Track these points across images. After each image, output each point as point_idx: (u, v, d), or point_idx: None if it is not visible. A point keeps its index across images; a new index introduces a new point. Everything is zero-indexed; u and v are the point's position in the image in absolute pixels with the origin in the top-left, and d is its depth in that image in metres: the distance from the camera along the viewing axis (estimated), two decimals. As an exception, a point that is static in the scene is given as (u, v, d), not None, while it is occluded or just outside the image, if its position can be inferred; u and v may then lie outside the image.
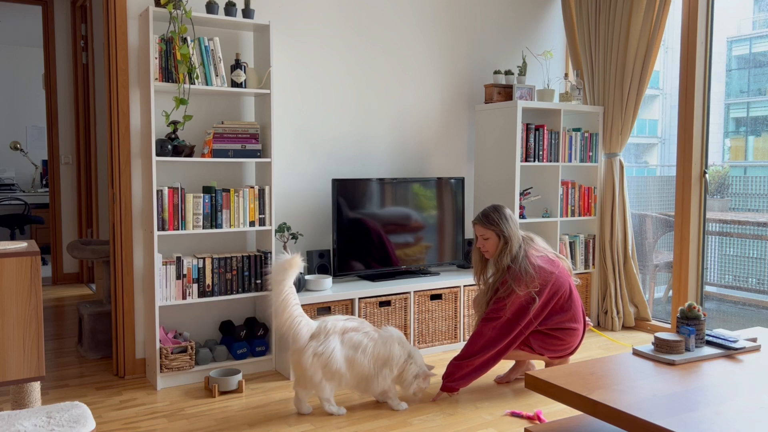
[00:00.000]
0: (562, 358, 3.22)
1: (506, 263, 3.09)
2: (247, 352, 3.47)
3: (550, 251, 3.25)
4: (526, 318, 3.06)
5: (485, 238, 3.16)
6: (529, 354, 3.19)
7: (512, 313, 3.05)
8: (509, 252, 3.10)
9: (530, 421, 2.85)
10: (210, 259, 3.32)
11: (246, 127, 3.41)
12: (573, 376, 2.10)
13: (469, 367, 3.07)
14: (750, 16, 4.24)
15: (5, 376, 1.78)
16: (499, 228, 3.12)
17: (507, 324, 3.05)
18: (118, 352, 3.42)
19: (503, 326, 3.05)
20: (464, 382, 3.09)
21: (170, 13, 3.12)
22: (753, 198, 4.05)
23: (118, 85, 3.30)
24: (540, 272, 3.07)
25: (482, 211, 3.20)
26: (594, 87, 4.44)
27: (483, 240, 3.17)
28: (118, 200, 3.34)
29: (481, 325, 3.10)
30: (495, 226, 3.13)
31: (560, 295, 3.13)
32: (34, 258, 1.78)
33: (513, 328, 3.06)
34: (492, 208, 3.19)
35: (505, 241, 3.12)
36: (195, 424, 2.81)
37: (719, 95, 4.13)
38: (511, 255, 3.10)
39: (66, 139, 5.80)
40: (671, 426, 1.69)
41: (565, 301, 3.15)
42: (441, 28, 4.29)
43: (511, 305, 3.04)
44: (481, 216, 3.18)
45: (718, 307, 4.26)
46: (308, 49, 3.82)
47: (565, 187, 4.33)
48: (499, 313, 3.05)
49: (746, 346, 2.37)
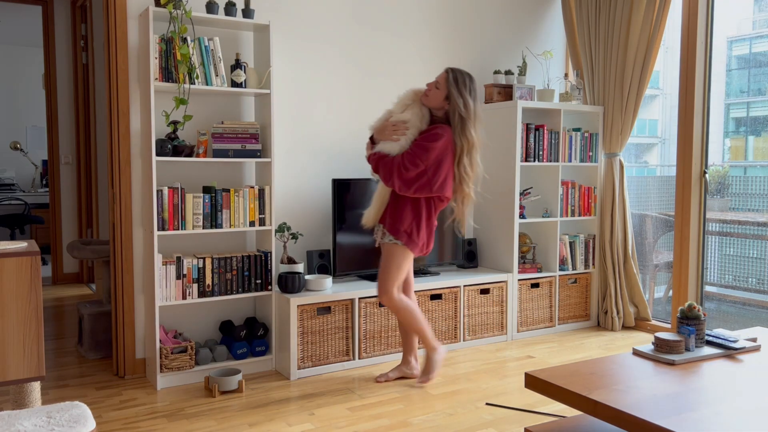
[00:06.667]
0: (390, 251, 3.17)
1: (436, 119, 3.12)
2: (247, 352, 3.47)
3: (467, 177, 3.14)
4: (418, 167, 3.02)
5: (437, 87, 3.10)
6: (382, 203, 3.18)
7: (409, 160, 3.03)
8: (446, 117, 3.09)
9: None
10: (210, 259, 3.32)
11: (246, 127, 3.41)
12: (573, 376, 2.10)
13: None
14: (750, 16, 4.24)
15: (5, 376, 1.78)
16: (456, 92, 3.06)
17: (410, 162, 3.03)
18: (118, 352, 3.42)
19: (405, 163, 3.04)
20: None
21: (170, 13, 3.12)
22: (753, 198, 4.05)
23: (118, 85, 3.30)
24: (433, 161, 3.03)
25: (461, 71, 3.12)
26: (594, 87, 4.44)
27: (434, 87, 3.11)
28: (118, 200, 3.34)
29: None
30: (455, 88, 3.07)
31: (440, 198, 3.14)
32: (34, 258, 1.78)
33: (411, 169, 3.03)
34: (469, 77, 3.12)
35: (453, 110, 3.07)
36: (195, 424, 2.81)
37: (719, 95, 4.13)
38: (443, 118, 3.11)
39: (66, 139, 5.80)
40: (671, 426, 1.69)
41: (437, 204, 3.16)
42: (441, 27, 4.29)
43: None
44: (457, 73, 3.11)
45: (718, 307, 4.26)
46: (308, 49, 3.82)
47: (565, 187, 4.33)
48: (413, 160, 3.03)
49: (746, 346, 2.37)
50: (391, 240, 3.15)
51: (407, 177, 3.03)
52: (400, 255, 3.16)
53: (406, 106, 3.14)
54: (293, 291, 3.44)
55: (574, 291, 4.42)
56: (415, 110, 3.12)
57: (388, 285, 3.17)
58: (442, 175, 3.05)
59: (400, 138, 3.06)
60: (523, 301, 4.20)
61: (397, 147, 3.07)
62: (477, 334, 4.02)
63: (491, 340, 4.08)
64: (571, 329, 4.41)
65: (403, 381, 3.36)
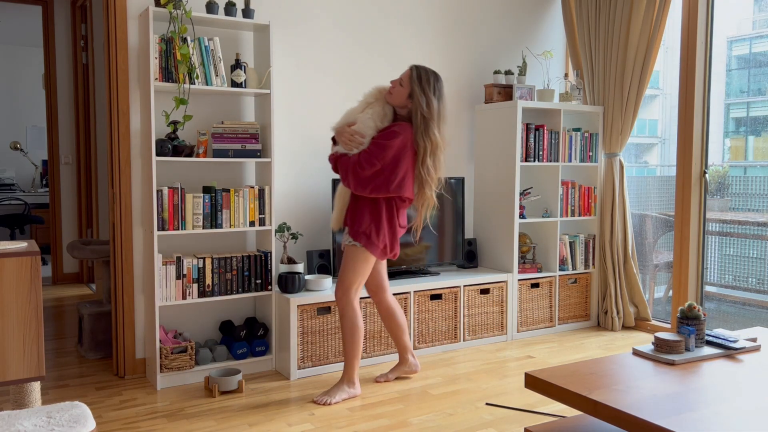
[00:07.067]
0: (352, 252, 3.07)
1: (400, 118, 3.03)
2: (247, 352, 3.47)
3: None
4: (376, 165, 2.93)
5: (401, 84, 3.02)
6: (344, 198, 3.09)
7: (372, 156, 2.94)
8: (410, 116, 3.00)
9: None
10: (210, 259, 3.32)
11: (246, 127, 3.41)
12: (573, 376, 2.10)
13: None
14: (750, 16, 4.24)
15: (5, 376, 1.78)
16: (419, 90, 2.97)
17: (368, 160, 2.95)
18: (118, 352, 3.42)
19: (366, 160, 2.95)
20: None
21: (170, 13, 3.12)
22: (753, 198, 4.05)
23: (118, 85, 3.30)
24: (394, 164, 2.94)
25: (426, 69, 3.03)
26: (594, 87, 4.44)
27: (398, 84, 3.02)
28: (118, 200, 3.34)
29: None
30: (418, 86, 2.97)
31: (402, 198, 3.05)
32: (34, 258, 1.78)
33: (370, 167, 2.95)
34: (435, 76, 3.03)
35: (415, 109, 2.97)
36: (195, 424, 2.81)
37: (719, 95, 4.13)
38: (407, 117, 3.02)
39: (66, 139, 5.80)
40: (671, 426, 1.69)
41: (399, 205, 3.06)
42: (441, 27, 4.29)
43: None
44: (421, 71, 3.01)
45: (718, 307, 4.26)
46: (308, 49, 3.82)
47: (565, 187, 4.33)
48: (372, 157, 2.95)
49: (746, 346, 2.37)
50: (350, 242, 3.06)
51: (363, 176, 2.93)
52: (358, 257, 3.05)
53: (368, 104, 3.06)
54: (293, 291, 3.44)
55: (574, 291, 4.42)
56: (377, 109, 3.02)
57: (345, 285, 3.08)
58: (399, 174, 2.95)
59: (352, 149, 2.97)
60: (523, 301, 4.20)
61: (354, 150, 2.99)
62: (477, 334, 4.02)
63: (491, 340, 4.08)
64: (571, 329, 4.41)
65: (402, 380, 3.37)
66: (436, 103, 2.98)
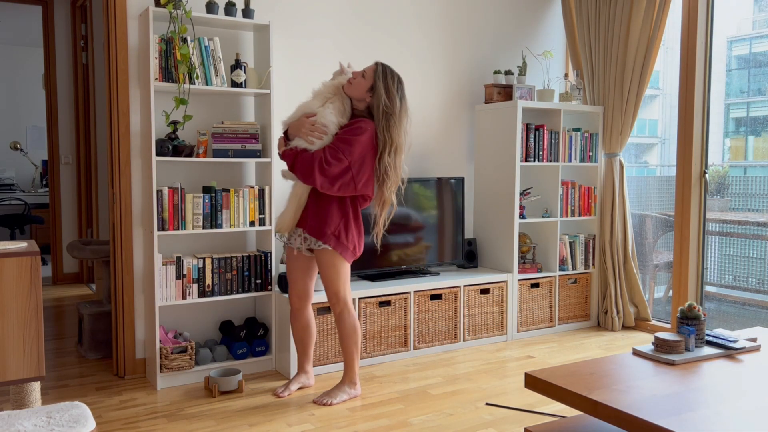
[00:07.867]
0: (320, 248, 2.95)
1: (357, 113, 2.96)
2: (247, 352, 3.47)
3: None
4: (343, 163, 2.84)
5: (363, 76, 2.93)
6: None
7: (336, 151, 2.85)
8: (368, 110, 2.93)
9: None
10: (210, 259, 3.32)
11: (246, 127, 3.41)
12: (573, 376, 2.10)
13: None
14: (750, 16, 4.24)
15: (5, 376, 1.78)
16: (382, 85, 2.89)
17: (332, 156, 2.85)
18: (118, 352, 3.42)
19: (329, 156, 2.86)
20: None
21: (170, 13, 3.12)
22: (753, 198, 4.05)
23: (118, 85, 3.30)
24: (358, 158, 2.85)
25: (391, 69, 2.96)
26: (594, 87, 4.44)
27: (361, 76, 2.94)
28: (118, 200, 3.34)
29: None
30: (382, 81, 2.90)
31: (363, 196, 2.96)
32: (34, 258, 1.78)
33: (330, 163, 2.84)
34: (399, 78, 2.95)
35: (377, 103, 2.90)
36: (195, 424, 2.81)
37: (719, 95, 4.13)
38: (365, 112, 2.95)
39: (66, 139, 5.80)
40: (671, 426, 1.69)
41: (361, 203, 2.98)
42: (441, 28, 4.29)
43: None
44: (386, 68, 2.95)
45: (718, 307, 4.26)
46: (308, 49, 3.82)
47: (565, 187, 4.33)
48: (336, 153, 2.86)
49: (746, 346, 2.37)
50: (319, 246, 2.93)
51: (331, 173, 2.81)
52: (335, 261, 2.95)
53: (327, 99, 2.97)
54: (293, 291, 3.44)
55: (574, 291, 4.42)
56: (337, 104, 2.94)
57: (335, 294, 3.00)
58: (366, 171, 2.87)
59: (314, 141, 2.87)
60: (523, 301, 4.20)
61: (317, 142, 2.89)
62: (477, 334, 4.02)
63: (491, 340, 4.08)
64: (571, 329, 4.41)
65: (402, 380, 3.37)
66: (398, 101, 2.92)
